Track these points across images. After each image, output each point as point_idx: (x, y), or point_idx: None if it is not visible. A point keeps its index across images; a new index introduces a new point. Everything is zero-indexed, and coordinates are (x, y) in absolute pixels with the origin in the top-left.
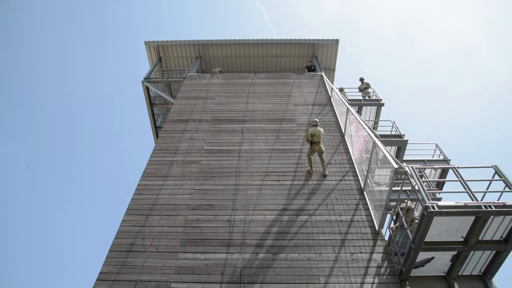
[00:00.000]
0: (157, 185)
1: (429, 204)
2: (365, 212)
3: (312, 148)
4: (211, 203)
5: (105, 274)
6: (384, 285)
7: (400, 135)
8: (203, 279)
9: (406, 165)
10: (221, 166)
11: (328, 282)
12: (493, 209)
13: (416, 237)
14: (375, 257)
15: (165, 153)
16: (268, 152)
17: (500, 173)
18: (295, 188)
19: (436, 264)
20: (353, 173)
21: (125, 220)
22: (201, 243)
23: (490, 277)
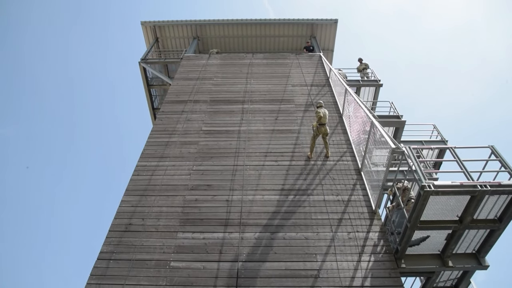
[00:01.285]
0: (156, 166)
1: (426, 184)
2: (362, 192)
3: (318, 130)
4: (209, 184)
5: (105, 253)
6: (380, 263)
7: (398, 116)
8: (202, 257)
9: (403, 145)
10: (219, 147)
11: (325, 260)
12: (488, 189)
13: (412, 216)
14: (372, 236)
15: (163, 134)
16: (266, 132)
17: (497, 153)
18: (293, 169)
19: (431, 242)
20: (350, 153)
21: (124, 201)
22: (200, 223)
23: (483, 255)
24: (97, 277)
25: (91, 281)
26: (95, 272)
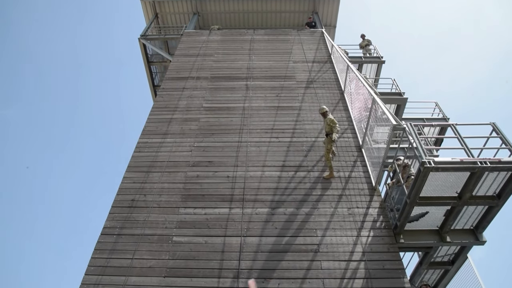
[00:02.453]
0: (157, 143)
1: (426, 160)
2: (363, 169)
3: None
4: (210, 160)
5: (108, 228)
6: (379, 238)
7: (400, 93)
8: (204, 232)
9: (404, 122)
10: (220, 123)
11: (325, 235)
12: (488, 165)
13: (412, 192)
14: (371, 211)
15: (164, 111)
16: (267, 109)
17: (498, 130)
18: (294, 145)
19: (430, 218)
20: (352, 130)
21: (126, 177)
22: (202, 199)
23: (481, 231)
24: (100, 251)
25: (95, 256)
26: (99, 247)
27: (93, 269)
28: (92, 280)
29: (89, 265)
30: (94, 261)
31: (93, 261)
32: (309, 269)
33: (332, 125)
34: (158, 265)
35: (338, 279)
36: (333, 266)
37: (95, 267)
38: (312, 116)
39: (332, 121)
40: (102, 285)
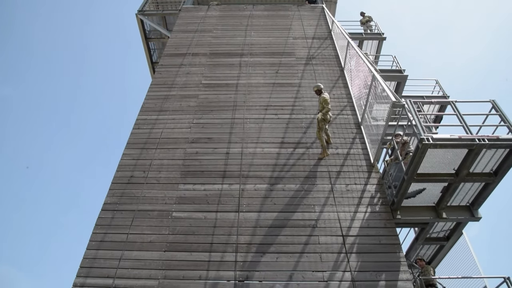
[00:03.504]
0: (156, 119)
1: (424, 137)
2: (361, 146)
3: (325, 118)
4: (209, 137)
5: (109, 204)
6: (376, 214)
7: (400, 70)
8: (203, 208)
9: (404, 99)
10: (219, 100)
11: (323, 211)
12: (486, 142)
13: (410, 169)
14: (369, 188)
15: (163, 88)
16: (266, 86)
17: (497, 107)
18: (293, 122)
19: (427, 195)
20: (351, 107)
21: (126, 154)
22: (201, 175)
23: (477, 208)
24: (101, 226)
25: (96, 231)
26: (100, 222)
27: (94, 243)
28: (93, 254)
29: (91, 240)
30: (96, 236)
31: (95, 236)
32: (306, 244)
33: (323, 105)
34: (158, 239)
35: (335, 254)
36: (330, 241)
37: (97, 241)
38: (312, 93)
39: (324, 100)
40: (103, 259)
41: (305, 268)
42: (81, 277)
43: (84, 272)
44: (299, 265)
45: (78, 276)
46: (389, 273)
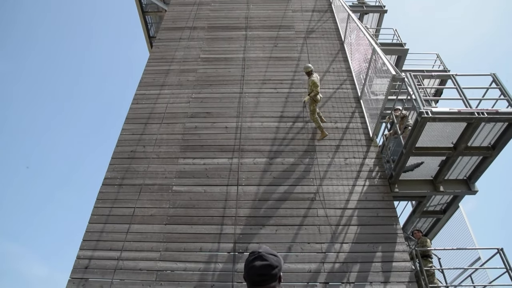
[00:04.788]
0: (154, 94)
1: (423, 110)
2: (361, 120)
3: (315, 100)
4: (208, 111)
5: (109, 179)
6: (374, 187)
7: (401, 44)
8: (203, 182)
9: (404, 73)
10: (218, 74)
11: (322, 184)
12: (485, 116)
13: (408, 142)
14: (368, 162)
15: (161, 62)
16: (265, 60)
17: (498, 81)
18: (292, 96)
19: (425, 168)
20: (350, 81)
21: (125, 129)
22: (200, 149)
23: (473, 181)
24: (103, 201)
25: (97, 205)
26: (101, 197)
27: (96, 217)
28: (96, 228)
29: (92, 214)
30: (97, 210)
31: (96, 210)
32: (305, 217)
33: (312, 87)
34: (159, 213)
35: (333, 226)
36: (328, 213)
37: (98, 215)
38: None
39: (314, 83)
40: (106, 233)
41: (303, 240)
42: (84, 250)
43: (87, 245)
44: (297, 237)
45: (81, 249)
46: (386, 245)
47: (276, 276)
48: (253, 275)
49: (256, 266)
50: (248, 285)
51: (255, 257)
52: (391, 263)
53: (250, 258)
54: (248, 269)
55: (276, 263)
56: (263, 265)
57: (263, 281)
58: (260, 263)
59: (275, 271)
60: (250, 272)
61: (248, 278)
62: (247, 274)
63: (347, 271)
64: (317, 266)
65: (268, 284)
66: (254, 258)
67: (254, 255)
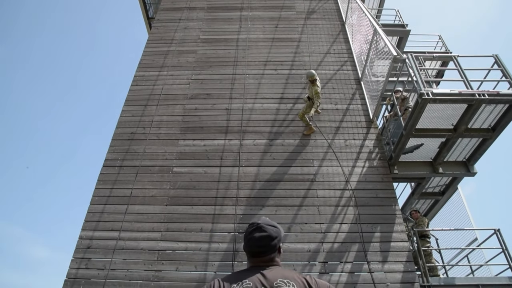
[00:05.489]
0: (154, 76)
1: (424, 91)
2: (361, 102)
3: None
4: (208, 93)
5: (110, 161)
6: (374, 168)
7: (403, 25)
8: (203, 163)
9: (405, 54)
10: (217, 55)
11: (322, 165)
12: (486, 98)
13: (408, 124)
14: (367, 143)
15: (160, 43)
16: (265, 41)
17: (500, 62)
18: (293, 78)
19: (424, 150)
20: (351, 63)
21: (125, 111)
22: (200, 131)
23: (473, 163)
24: (104, 182)
25: (99, 186)
26: (102, 178)
27: (97, 198)
28: (97, 209)
29: (94, 195)
30: (98, 192)
31: (97, 192)
32: (305, 197)
33: (316, 99)
34: (160, 194)
35: (332, 207)
36: (328, 194)
37: (99, 197)
38: (312, 48)
39: (317, 93)
40: (107, 214)
41: (303, 221)
42: (86, 230)
43: (89, 226)
44: (297, 218)
45: (83, 229)
46: (385, 225)
47: (276, 247)
48: (252, 246)
49: (255, 237)
50: (248, 256)
51: (254, 228)
52: (389, 243)
53: (249, 229)
54: (247, 240)
55: (275, 234)
56: (262, 236)
57: (262, 252)
58: (259, 234)
59: (274, 242)
60: (249, 243)
61: (247, 249)
62: (247, 245)
63: (345, 251)
64: (316, 245)
65: (268, 255)
66: (254, 230)
67: (253, 226)
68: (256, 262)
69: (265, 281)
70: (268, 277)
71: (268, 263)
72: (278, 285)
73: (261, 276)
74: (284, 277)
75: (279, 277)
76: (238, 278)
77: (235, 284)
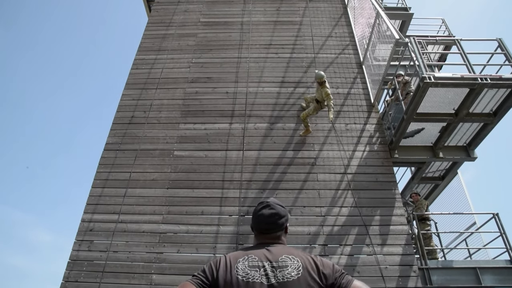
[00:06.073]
0: (154, 59)
1: (426, 75)
2: (362, 86)
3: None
4: (209, 76)
5: (111, 144)
6: (374, 153)
7: (405, 8)
8: (204, 147)
9: (408, 38)
10: (218, 39)
11: (322, 149)
12: (489, 82)
13: (410, 108)
14: (368, 127)
15: (160, 26)
16: (267, 24)
17: (503, 46)
18: (294, 61)
19: (425, 135)
20: (353, 46)
21: (125, 94)
22: (201, 114)
23: (473, 148)
24: (105, 166)
25: (100, 170)
26: (103, 162)
27: (99, 182)
28: (99, 192)
29: (95, 179)
30: (100, 175)
31: (99, 175)
32: (305, 181)
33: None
34: (161, 177)
35: (333, 190)
36: (328, 178)
37: (101, 180)
38: (313, 31)
39: (328, 95)
40: (109, 197)
41: (303, 204)
42: (89, 213)
43: (91, 209)
44: (298, 201)
45: (85, 212)
46: (384, 209)
47: (283, 226)
48: (261, 223)
49: (264, 214)
50: (255, 233)
51: (264, 206)
52: (389, 227)
53: (258, 207)
54: (256, 217)
55: (283, 213)
56: (271, 213)
57: (270, 229)
58: (269, 211)
59: (282, 221)
60: (258, 220)
61: (255, 226)
62: (255, 222)
63: (345, 234)
64: (317, 228)
65: (275, 232)
66: (263, 207)
67: (263, 205)
68: (263, 239)
69: (270, 256)
70: (273, 252)
71: (275, 241)
72: (283, 260)
73: (267, 252)
74: (289, 254)
75: (285, 253)
76: (244, 253)
77: (241, 259)
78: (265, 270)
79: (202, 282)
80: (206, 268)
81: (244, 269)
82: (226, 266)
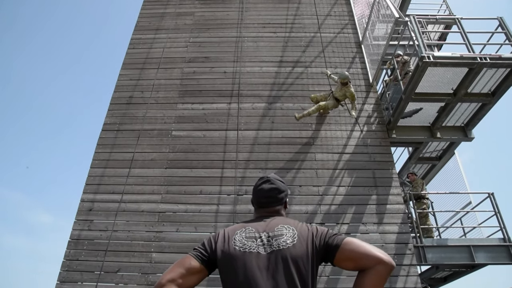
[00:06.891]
0: (151, 39)
1: (425, 54)
2: (361, 66)
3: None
4: (207, 56)
5: (109, 125)
6: (372, 133)
7: None
8: (202, 127)
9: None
10: (216, 17)
11: (320, 129)
12: (488, 61)
13: (408, 87)
14: (366, 107)
15: (156, 5)
16: (264, 2)
17: (504, 25)
18: (292, 41)
19: (423, 115)
20: (352, 25)
21: (122, 74)
22: (199, 94)
23: (470, 128)
24: (103, 146)
25: (98, 150)
26: (101, 142)
27: (97, 162)
28: (97, 173)
29: (94, 159)
30: (98, 156)
31: (97, 155)
32: (303, 161)
33: (352, 102)
34: (159, 157)
35: (330, 170)
36: (326, 158)
37: (99, 160)
38: (312, 10)
39: (353, 96)
40: (107, 177)
41: (301, 183)
42: (88, 193)
43: (90, 189)
44: (295, 180)
45: (84, 192)
46: (381, 188)
47: (283, 201)
48: (261, 197)
49: (264, 188)
50: (255, 208)
51: (264, 181)
52: (385, 206)
53: (259, 182)
54: (256, 191)
55: (283, 188)
56: (271, 187)
57: (270, 203)
58: (269, 186)
59: (281, 195)
60: (258, 194)
61: (255, 200)
62: (255, 196)
63: (342, 213)
64: (314, 207)
65: (274, 206)
66: (263, 182)
67: (263, 179)
68: (262, 213)
69: (266, 227)
70: (270, 223)
71: (274, 214)
72: (278, 230)
73: (264, 223)
74: (285, 223)
75: (281, 223)
76: (242, 226)
77: (239, 231)
78: (261, 240)
79: (201, 254)
80: (205, 241)
81: (241, 240)
82: (224, 238)
